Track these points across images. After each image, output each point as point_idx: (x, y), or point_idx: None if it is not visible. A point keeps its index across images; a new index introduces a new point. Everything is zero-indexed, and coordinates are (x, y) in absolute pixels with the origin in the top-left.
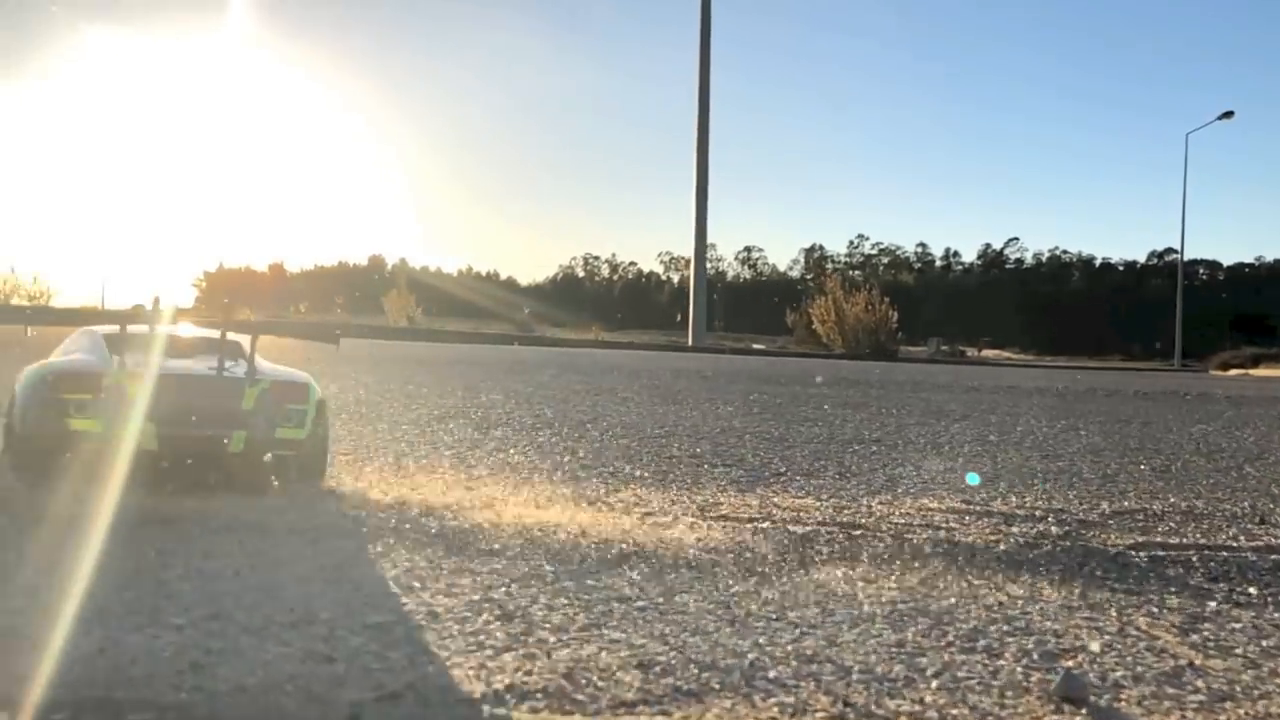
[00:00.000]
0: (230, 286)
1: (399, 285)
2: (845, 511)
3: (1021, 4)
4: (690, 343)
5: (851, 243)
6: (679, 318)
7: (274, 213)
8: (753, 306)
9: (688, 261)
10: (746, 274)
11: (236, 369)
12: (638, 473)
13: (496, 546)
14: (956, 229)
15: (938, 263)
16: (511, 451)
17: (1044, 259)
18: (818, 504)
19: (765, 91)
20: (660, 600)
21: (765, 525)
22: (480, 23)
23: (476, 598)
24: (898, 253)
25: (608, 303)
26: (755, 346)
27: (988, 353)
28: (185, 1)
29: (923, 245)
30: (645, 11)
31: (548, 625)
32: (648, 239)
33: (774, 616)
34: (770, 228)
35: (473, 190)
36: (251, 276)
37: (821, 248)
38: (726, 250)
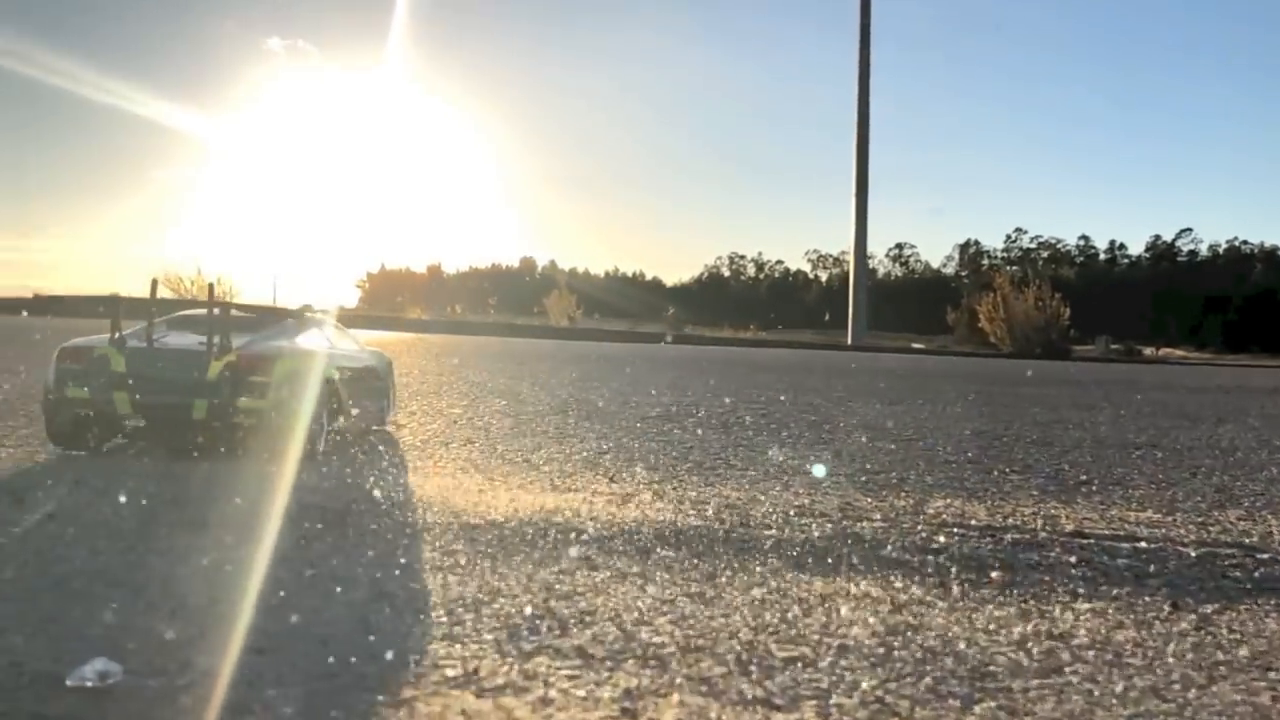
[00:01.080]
0: (389, 286)
1: (560, 286)
2: (1210, 529)
3: None
4: (850, 341)
5: (1009, 237)
6: (827, 317)
7: (432, 217)
8: (904, 304)
9: (836, 259)
10: (898, 271)
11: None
12: (928, 479)
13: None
14: (1123, 221)
15: (1101, 256)
16: (770, 453)
17: (1220, 251)
18: (1168, 518)
19: (916, 85)
20: (1109, 656)
21: (1141, 545)
22: (628, 25)
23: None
24: (1058, 246)
25: (753, 302)
26: (915, 346)
27: (1163, 351)
28: (351, 18)
29: (1085, 238)
30: (790, 9)
31: (999, 666)
32: (794, 237)
33: (1261, 668)
34: (922, 224)
35: (618, 192)
36: (410, 277)
37: (977, 243)
38: (877, 247)
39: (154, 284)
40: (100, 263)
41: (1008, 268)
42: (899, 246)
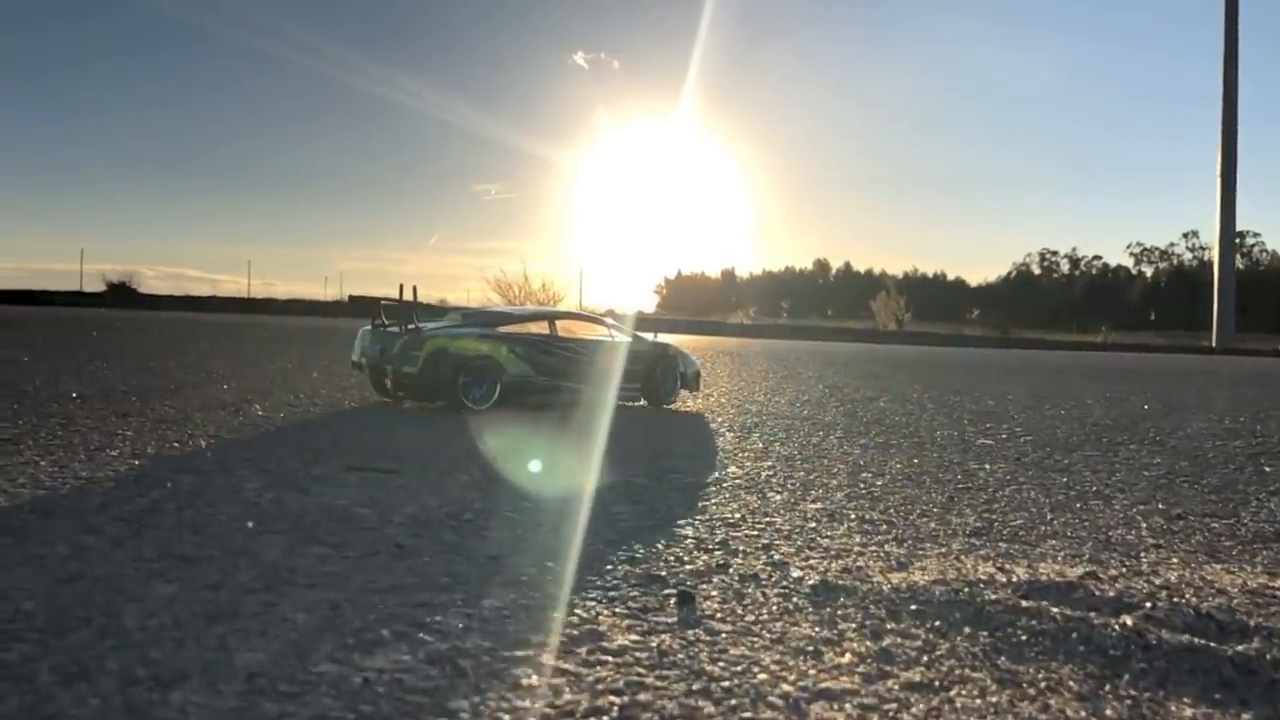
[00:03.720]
0: (685, 292)
1: (887, 288)
2: None
3: None
4: (1214, 344)
5: None
6: (1152, 316)
7: (724, 221)
8: (1249, 300)
9: (1163, 253)
10: (1240, 264)
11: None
12: None
13: None
14: None
15: None
16: None
17: None
18: None
19: (1257, 52)
20: None
21: None
22: (924, 23)
23: None
24: None
25: (1067, 301)
26: None
27: None
28: (651, 28)
29: None
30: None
31: None
32: (1112, 231)
33: None
34: (1264, 210)
35: (913, 192)
36: (704, 282)
37: None
38: (1210, 237)
39: (400, 288)
40: (436, 269)
41: None
42: (1240, 235)
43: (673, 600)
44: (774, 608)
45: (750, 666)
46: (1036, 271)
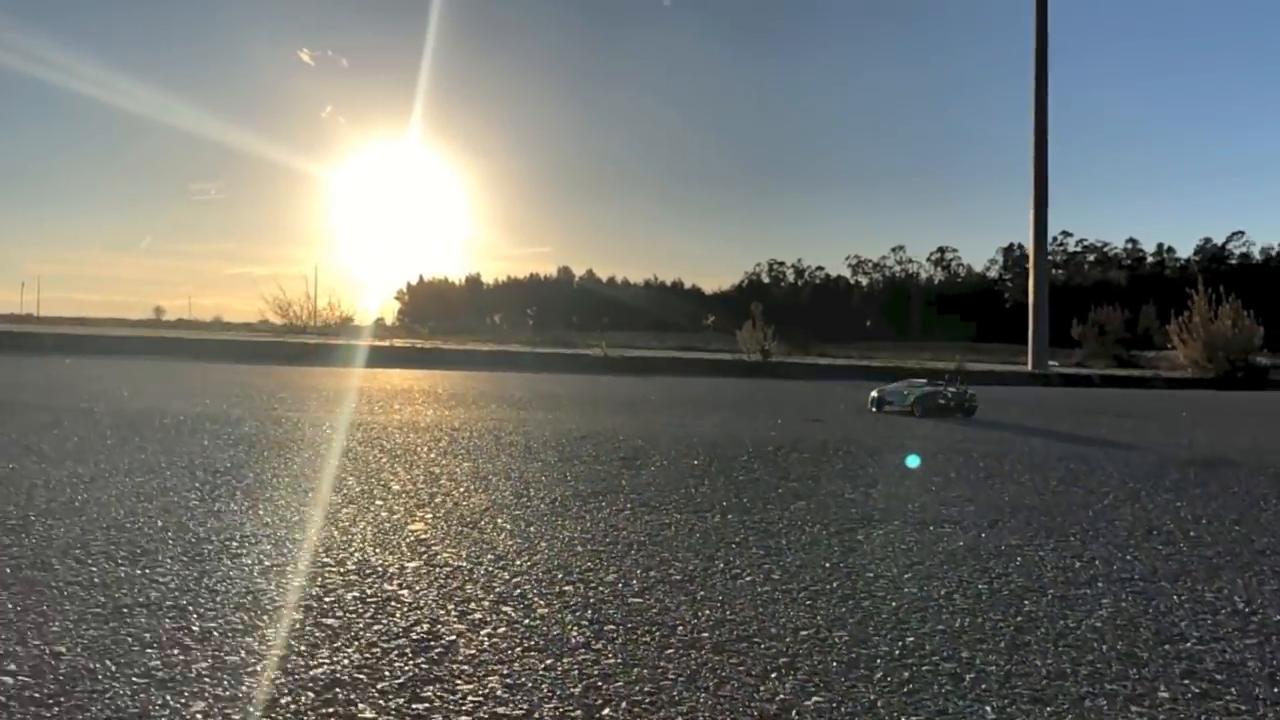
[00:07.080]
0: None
1: (754, 316)
2: None
3: None
4: (1030, 366)
5: (1054, 239)
6: (868, 323)
7: (466, 226)
8: (958, 313)
9: (876, 265)
10: (940, 276)
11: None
12: None
13: None
14: (1171, 224)
15: (1149, 260)
16: None
17: (1275, 253)
18: None
19: (945, 83)
20: None
21: None
22: (650, 27)
23: None
24: (1105, 250)
25: (795, 309)
26: (1051, 364)
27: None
28: (380, 26)
29: (1133, 241)
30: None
31: None
32: (833, 241)
33: None
34: (963, 226)
35: (650, 199)
36: (449, 288)
37: (1020, 246)
38: (917, 251)
39: (947, 375)
40: (148, 274)
41: (1054, 271)
42: (941, 250)
43: None
44: None
45: None
46: (766, 280)
